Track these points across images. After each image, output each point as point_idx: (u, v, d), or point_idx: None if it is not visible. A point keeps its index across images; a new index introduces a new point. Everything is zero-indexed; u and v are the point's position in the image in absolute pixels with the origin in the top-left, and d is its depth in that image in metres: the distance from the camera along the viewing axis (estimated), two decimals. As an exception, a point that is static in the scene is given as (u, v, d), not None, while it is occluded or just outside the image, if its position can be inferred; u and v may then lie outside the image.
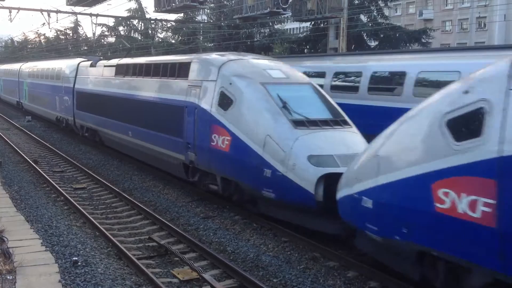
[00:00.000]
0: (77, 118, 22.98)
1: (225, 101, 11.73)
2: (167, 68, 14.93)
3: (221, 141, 11.60)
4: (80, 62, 23.68)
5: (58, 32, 64.91)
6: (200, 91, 12.71)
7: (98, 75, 20.60)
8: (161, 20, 38.14)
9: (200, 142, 12.48)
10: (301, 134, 10.26)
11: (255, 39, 39.93)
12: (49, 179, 15.30)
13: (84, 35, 63.46)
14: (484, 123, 5.83)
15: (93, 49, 49.90)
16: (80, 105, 22.40)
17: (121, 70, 18.46)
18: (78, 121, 22.88)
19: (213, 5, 41.57)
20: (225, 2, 40.04)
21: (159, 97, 15.00)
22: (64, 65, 25.63)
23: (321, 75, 16.39)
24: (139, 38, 49.72)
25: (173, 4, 24.61)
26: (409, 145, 7.01)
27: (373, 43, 34.60)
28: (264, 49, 37.85)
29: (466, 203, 5.91)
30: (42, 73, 29.91)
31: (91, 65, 21.75)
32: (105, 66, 20.20)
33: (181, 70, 14.06)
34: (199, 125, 12.56)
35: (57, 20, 34.27)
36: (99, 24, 45.58)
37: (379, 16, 34.31)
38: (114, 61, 19.66)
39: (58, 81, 25.58)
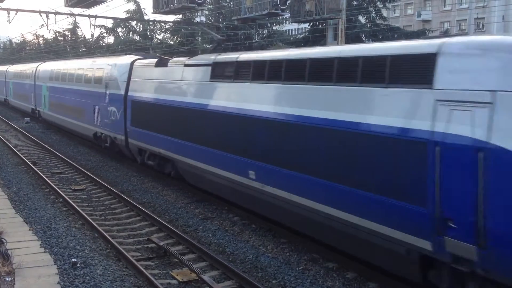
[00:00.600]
0: (131, 138, 16.54)
1: None
2: (357, 67, 8.22)
3: None
4: (135, 60, 17.35)
5: (57, 34, 64.90)
6: (495, 115, 6.16)
7: (173, 79, 14.06)
8: (159, 22, 38.15)
9: (508, 227, 6.02)
10: None
11: (254, 40, 39.98)
12: (48, 180, 15.29)
13: (82, 36, 63.42)
14: None
15: (92, 50, 49.89)
16: (138, 120, 15.93)
17: (225, 72, 11.82)
18: (134, 142, 16.38)
19: (211, 6, 41.63)
20: (223, 3, 40.10)
21: (337, 119, 8.35)
22: (108, 64, 19.13)
23: None
24: (138, 39, 49.73)
25: (172, 6, 24.60)
26: None
27: (371, 44, 34.75)
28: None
29: None
30: (71, 75, 23.37)
31: (158, 64, 15.31)
32: (186, 65, 13.59)
33: (403, 71, 7.54)
34: (501, 188, 6.07)
35: (55, 21, 33.94)
36: (98, 26, 45.60)
37: (378, 17, 34.43)
38: (206, 58, 12.99)
39: (99, 85, 19.34)
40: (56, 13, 26.26)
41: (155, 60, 15.79)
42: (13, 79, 38.95)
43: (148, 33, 49.60)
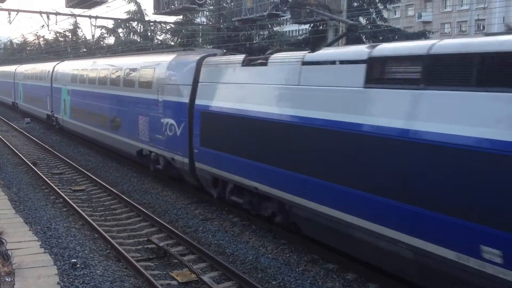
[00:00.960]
0: (201, 162, 12.34)
1: None
2: None
3: None
4: (204, 57, 12.98)
5: (57, 34, 65.00)
6: None
7: (283, 84, 9.64)
8: (160, 22, 38.21)
9: None
10: None
11: (254, 41, 40.01)
12: (48, 181, 15.29)
13: (83, 37, 63.51)
14: None
15: (92, 51, 49.95)
16: (214, 139, 11.72)
17: (399, 73, 7.37)
18: (206, 167, 12.17)
19: (212, 7, 41.69)
20: (224, 4, 40.16)
21: None
22: (162, 63, 14.66)
23: None
24: (138, 40, 49.79)
25: (172, 6, 24.63)
26: None
27: (372, 46, 34.82)
28: (263, 51, 38.00)
29: None
30: (104, 76, 18.92)
31: (248, 63, 11.02)
32: (307, 63, 9.14)
33: None
34: None
35: (56, 22, 34.03)
36: (98, 26, 45.64)
37: (378, 19, 34.47)
38: (349, 52, 8.46)
39: (147, 90, 15.09)
40: (56, 13, 26.30)
41: (241, 56, 11.53)
42: (23, 80, 34.58)
43: (149, 33, 49.68)
